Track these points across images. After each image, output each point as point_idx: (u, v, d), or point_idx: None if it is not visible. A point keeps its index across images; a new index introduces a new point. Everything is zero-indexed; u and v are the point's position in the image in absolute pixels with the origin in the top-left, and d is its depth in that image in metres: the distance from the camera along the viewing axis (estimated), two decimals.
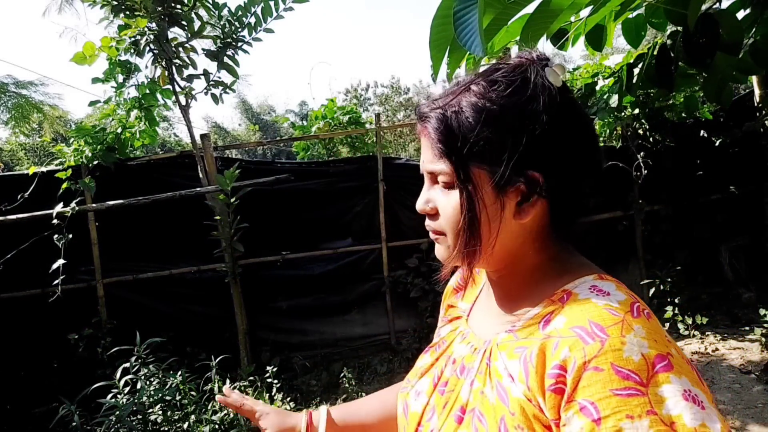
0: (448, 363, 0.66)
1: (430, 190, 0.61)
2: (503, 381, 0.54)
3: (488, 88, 0.55)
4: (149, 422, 2.63)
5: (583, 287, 0.55)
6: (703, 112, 4.41)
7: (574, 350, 0.48)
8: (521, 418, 0.50)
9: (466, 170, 0.55)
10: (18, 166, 13.08)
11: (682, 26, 1.34)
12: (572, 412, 0.46)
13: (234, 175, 3.56)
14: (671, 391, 0.44)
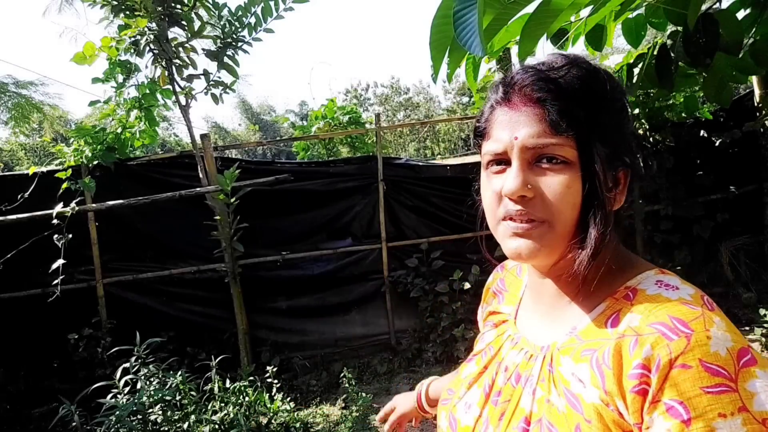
0: (499, 371, 0.62)
1: (528, 171, 0.53)
2: (572, 387, 0.51)
3: (593, 72, 0.54)
4: (149, 422, 2.63)
5: (648, 283, 0.52)
6: (703, 112, 4.41)
7: (658, 347, 0.45)
8: (599, 425, 0.47)
9: (591, 149, 0.51)
10: (18, 166, 13.09)
11: (682, 26, 1.34)
12: (657, 413, 0.43)
13: (234, 175, 3.55)
14: (759, 386, 0.42)
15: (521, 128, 0.53)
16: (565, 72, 0.53)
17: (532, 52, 1.05)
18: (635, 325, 0.48)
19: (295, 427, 3.14)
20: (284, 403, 3.27)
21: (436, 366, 3.98)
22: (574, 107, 0.51)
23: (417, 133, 23.11)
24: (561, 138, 0.51)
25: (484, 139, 0.59)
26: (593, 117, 0.51)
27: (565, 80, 0.52)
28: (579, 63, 0.54)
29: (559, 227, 0.53)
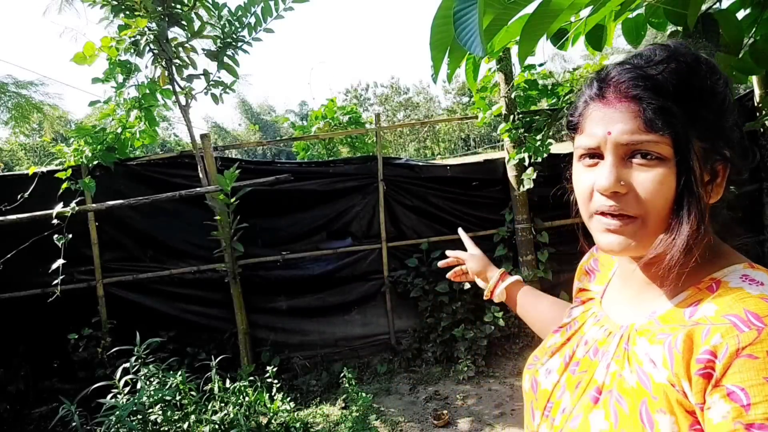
0: (579, 344, 0.67)
1: (620, 166, 0.55)
2: (644, 366, 0.54)
3: (693, 66, 0.54)
4: (149, 422, 2.63)
5: (734, 276, 0.54)
6: None
7: (727, 337, 0.47)
8: (664, 403, 0.51)
9: (686, 145, 0.52)
10: (18, 166, 13.08)
11: (682, 26, 1.34)
12: (718, 396, 0.46)
13: (234, 175, 3.56)
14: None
15: (615, 124, 0.54)
16: (663, 67, 0.53)
17: (532, 52, 1.05)
18: (710, 315, 0.51)
19: (295, 427, 3.14)
20: (284, 403, 3.27)
21: (436, 366, 3.98)
22: (671, 105, 0.52)
23: (417, 133, 23.09)
24: (656, 135, 0.52)
25: (576, 133, 0.62)
26: (691, 113, 0.52)
27: (663, 76, 0.52)
28: (679, 56, 0.54)
29: (651, 223, 0.54)
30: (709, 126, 0.53)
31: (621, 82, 0.54)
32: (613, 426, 0.54)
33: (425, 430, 3.19)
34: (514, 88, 4.13)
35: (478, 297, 4.14)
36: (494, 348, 4.07)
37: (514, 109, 4.12)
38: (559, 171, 2.89)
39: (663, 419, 0.50)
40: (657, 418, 0.51)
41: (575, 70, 4.90)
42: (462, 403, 3.43)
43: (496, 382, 3.68)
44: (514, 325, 4.25)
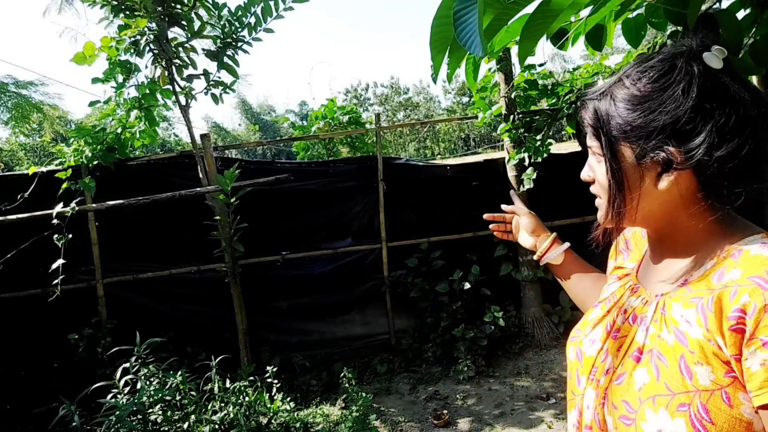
0: (619, 314, 0.75)
1: (592, 161, 0.73)
2: (680, 326, 0.62)
3: (639, 77, 0.65)
4: (149, 422, 2.63)
5: (754, 244, 0.61)
6: None
7: (754, 296, 0.54)
8: (700, 355, 0.58)
9: (610, 146, 0.67)
10: (18, 166, 13.08)
11: (682, 26, 1.34)
12: (755, 348, 0.53)
13: (234, 175, 3.56)
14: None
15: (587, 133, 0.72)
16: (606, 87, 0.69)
17: (532, 52, 1.05)
18: (737, 278, 0.58)
19: (295, 427, 3.14)
20: (284, 403, 3.27)
21: (436, 366, 3.99)
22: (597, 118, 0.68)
23: (417, 133, 23.07)
24: (593, 140, 0.70)
25: None
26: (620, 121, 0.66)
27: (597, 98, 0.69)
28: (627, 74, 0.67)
29: (605, 201, 0.71)
30: (640, 129, 0.64)
31: (580, 107, 0.73)
32: (655, 379, 0.62)
33: (425, 430, 3.19)
34: (514, 88, 4.13)
35: (479, 297, 4.14)
36: (494, 348, 4.06)
37: (514, 109, 4.12)
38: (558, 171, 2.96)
39: (700, 369, 0.58)
40: (695, 369, 0.58)
41: (575, 70, 4.90)
42: (462, 403, 3.43)
43: (496, 382, 3.68)
44: (514, 325, 4.25)
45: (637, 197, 0.66)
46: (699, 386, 0.58)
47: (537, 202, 4.14)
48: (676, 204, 0.66)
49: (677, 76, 0.62)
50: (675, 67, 0.62)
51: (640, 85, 0.64)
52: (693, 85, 0.60)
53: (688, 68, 0.61)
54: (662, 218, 0.69)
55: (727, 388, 0.56)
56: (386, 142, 9.64)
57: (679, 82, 0.61)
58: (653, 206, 0.67)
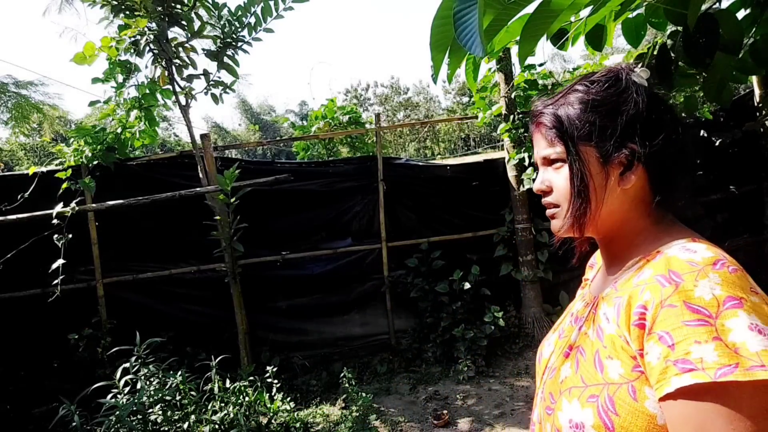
0: (569, 317, 0.82)
1: (544, 172, 0.75)
2: (602, 323, 0.67)
3: (590, 86, 0.70)
4: (149, 422, 2.63)
5: (675, 247, 0.64)
6: (703, 112, 4.41)
7: (654, 292, 0.58)
8: (612, 350, 0.62)
9: (576, 149, 0.69)
10: (18, 166, 13.08)
11: (682, 26, 1.34)
12: (653, 342, 0.56)
13: (234, 175, 3.56)
14: (737, 323, 0.52)
15: (537, 144, 0.75)
16: (561, 96, 0.72)
17: (532, 52, 1.05)
18: (647, 278, 0.62)
19: (295, 427, 3.14)
20: (284, 403, 3.27)
21: (436, 366, 3.98)
22: (560, 123, 0.70)
23: (417, 133, 23.09)
24: (555, 146, 0.71)
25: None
26: (582, 124, 0.69)
27: (555, 106, 0.72)
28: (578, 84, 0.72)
29: (566, 207, 0.72)
30: (601, 130, 0.68)
31: (534, 114, 0.75)
32: (574, 372, 0.67)
33: (425, 430, 3.19)
34: (514, 88, 4.13)
35: (479, 297, 4.14)
36: (494, 348, 4.06)
37: (514, 109, 4.12)
38: None
39: (611, 363, 0.62)
40: (606, 362, 0.62)
41: (575, 70, 4.90)
42: (462, 403, 3.43)
43: (496, 382, 3.68)
44: (513, 325, 4.25)
45: (603, 198, 0.69)
46: (608, 379, 0.61)
47: (537, 202, 4.14)
48: (633, 204, 0.70)
49: (626, 83, 0.69)
50: (621, 78, 0.69)
51: (594, 92, 0.69)
52: (641, 91, 0.68)
53: (632, 79, 0.69)
54: (619, 221, 0.71)
55: (634, 382, 0.59)
56: (386, 142, 9.65)
57: (629, 88, 0.68)
58: (614, 206, 0.70)
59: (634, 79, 0.69)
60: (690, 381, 0.51)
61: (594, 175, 0.69)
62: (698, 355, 0.51)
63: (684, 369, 0.52)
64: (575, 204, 0.70)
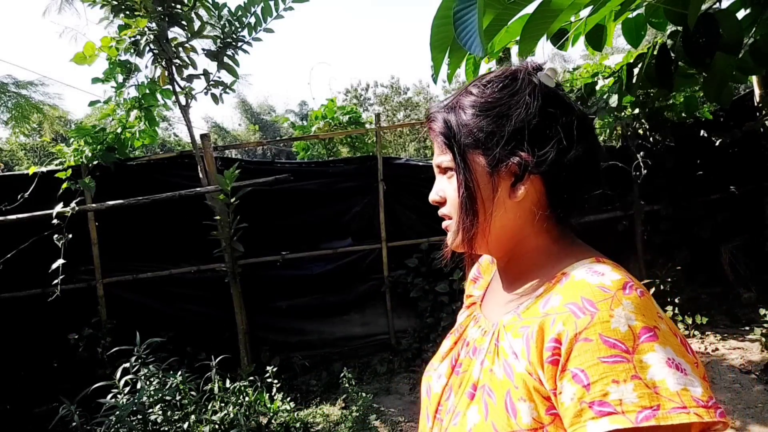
0: (463, 346, 0.72)
1: (439, 182, 0.69)
2: (509, 359, 0.59)
3: (484, 87, 0.65)
4: (149, 422, 2.63)
5: (580, 269, 0.59)
6: (703, 112, 4.41)
7: (567, 324, 0.52)
8: (524, 391, 0.55)
9: (463, 156, 0.64)
10: (18, 166, 13.08)
11: (682, 26, 1.34)
12: (566, 380, 0.50)
13: (234, 175, 3.56)
14: (655, 359, 0.48)
15: (435, 151, 0.69)
16: (453, 99, 0.67)
17: (532, 52, 1.05)
18: (556, 305, 0.56)
19: (295, 427, 3.14)
20: (284, 403, 3.27)
21: None
22: (448, 128, 0.65)
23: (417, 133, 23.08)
24: (445, 154, 0.66)
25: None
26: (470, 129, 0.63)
27: (445, 110, 0.66)
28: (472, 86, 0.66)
29: (456, 219, 0.66)
30: (490, 136, 0.62)
31: (428, 117, 0.69)
32: (484, 418, 0.58)
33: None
34: None
35: None
36: None
37: None
38: None
39: (523, 406, 0.54)
40: (518, 405, 0.55)
41: (575, 70, 4.90)
42: None
43: None
44: None
45: (491, 210, 0.63)
46: (522, 425, 0.54)
47: None
48: (527, 218, 0.64)
49: (521, 84, 0.63)
50: (517, 79, 0.63)
51: (487, 94, 0.64)
52: (537, 92, 0.62)
53: (529, 79, 0.63)
54: (513, 237, 0.66)
55: (548, 427, 0.53)
56: (386, 142, 9.65)
57: (524, 89, 0.62)
58: (507, 221, 0.64)
59: (535, 80, 0.63)
60: (608, 426, 0.46)
61: (482, 186, 0.63)
62: (617, 396, 0.47)
63: (601, 413, 0.47)
64: (461, 216, 0.64)
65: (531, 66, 0.65)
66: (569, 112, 0.63)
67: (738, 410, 2.85)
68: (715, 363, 3.48)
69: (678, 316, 4.00)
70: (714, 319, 4.10)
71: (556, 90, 0.64)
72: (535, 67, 0.65)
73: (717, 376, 3.30)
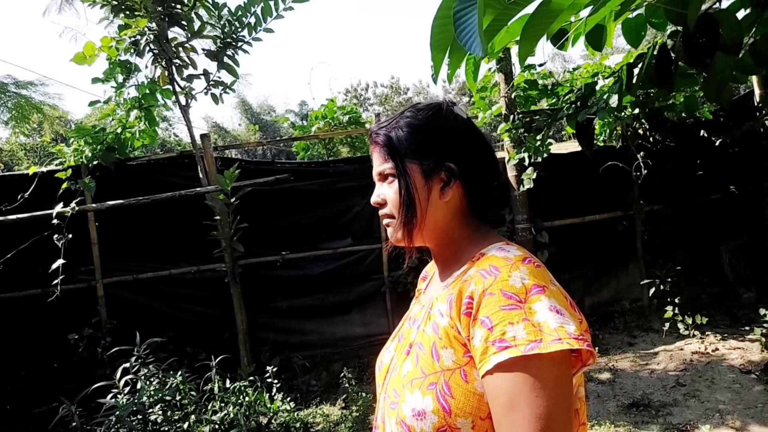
0: (407, 322, 0.89)
1: (380, 187, 0.83)
2: (436, 319, 0.74)
3: (417, 112, 0.81)
4: (149, 422, 2.63)
5: (492, 248, 0.75)
6: (703, 112, 4.41)
7: (478, 284, 0.68)
8: (446, 340, 0.70)
9: (403, 165, 0.79)
10: (18, 166, 13.08)
11: (682, 26, 1.34)
12: (476, 327, 0.65)
13: (234, 175, 3.56)
14: (540, 306, 0.63)
15: (375, 162, 0.83)
16: (392, 120, 0.82)
17: (532, 52, 1.05)
18: (472, 273, 0.72)
19: (295, 427, 3.14)
20: (284, 403, 3.27)
21: None
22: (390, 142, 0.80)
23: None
24: (387, 162, 0.80)
25: None
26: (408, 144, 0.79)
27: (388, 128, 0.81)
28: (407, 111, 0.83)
29: (397, 217, 0.80)
30: (424, 150, 0.78)
31: (371, 134, 0.84)
32: (414, 365, 0.73)
33: None
34: (514, 88, 4.13)
35: None
36: None
37: (514, 109, 4.12)
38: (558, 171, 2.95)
39: (445, 352, 0.69)
40: (442, 352, 0.69)
41: (575, 70, 4.90)
42: None
43: None
44: None
45: (426, 209, 0.78)
46: (444, 366, 0.68)
47: (537, 202, 4.14)
48: (454, 215, 0.80)
49: (446, 112, 0.81)
50: (441, 108, 0.81)
51: (420, 118, 0.80)
52: (458, 119, 0.80)
53: (450, 109, 0.81)
54: (444, 230, 0.80)
55: (465, 367, 0.66)
56: None
57: (448, 116, 0.80)
58: (438, 217, 0.79)
59: (455, 111, 0.81)
60: (505, 356, 0.60)
61: (419, 189, 0.78)
62: (511, 334, 0.61)
63: (501, 347, 0.61)
64: (402, 214, 0.78)
65: (449, 101, 0.83)
66: (478, 135, 0.82)
67: (738, 410, 2.85)
68: (715, 363, 3.48)
69: (678, 316, 4.00)
70: (714, 319, 4.10)
71: (469, 119, 0.83)
72: (452, 102, 0.83)
73: (717, 376, 3.30)
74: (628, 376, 3.46)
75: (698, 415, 2.87)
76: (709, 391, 3.12)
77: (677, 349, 3.75)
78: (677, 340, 3.90)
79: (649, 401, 3.05)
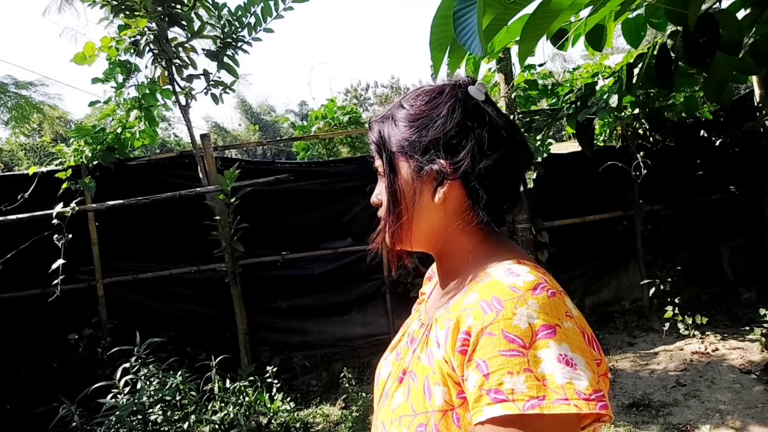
0: (406, 337, 0.79)
1: (379, 185, 0.75)
2: (432, 347, 0.65)
3: (413, 100, 0.71)
4: (149, 422, 2.63)
5: (500, 269, 0.63)
6: (703, 112, 4.41)
7: (477, 319, 0.57)
8: (439, 376, 0.61)
9: (390, 162, 0.70)
10: (18, 166, 13.08)
11: (682, 26, 1.34)
12: (471, 369, 0.56)
13: (234, 175, 3.56)
14: (548, 354, 0.53)
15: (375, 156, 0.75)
16: (388, 111, 0.73)
17: (532, 52, 1.05)
18: (472, 301, 0.61)
19: (295, 427, 3.14)
20: (284, 403, 3.27)
21: None
22: (380, 137, 0.72)
23: None
24: (378, 159, 0.72)
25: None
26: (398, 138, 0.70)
27: (380, 120, 0.73)
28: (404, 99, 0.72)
29: (384, 218, 0.72)
30: (415, 145, 0.68)
31: (368, 127, 0.75)
32: (405, 399, 0.65)
33: None
34: (514, 88, 4.13)
35: None
36: None
37: (514, 109, 4.12)
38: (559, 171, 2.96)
39: (437, 390, 0.60)
40: (434, 389, 0.61)
41: (575, 70, 4.90)
42: None
43: None
44: None
45: (413, 211, 0.69)
46: (435, 406, 0.60)
47: (537, 202, 4.14)
48: (451, 220, 0.69)
49: (444, 98, 0.68)
50: (443, 92, 0.69)
51: (415, 106, 0.70)
52: (457, 106, 0.67)
53: (453, 93, 0.69)
54: (442, 236, 0.70)
55: (458, 409, 0.58)
56: None
57: (445, 103, 0.68)
58: (433, 221, 0.69)
59: (460, 94, 0.69)
60: (500, 412, 0.52)
61: (405, 189, 0.69)
62: (510, 386, 0.52)
63: (496, 399, 0.53)
64: (387, 216, 0.71)
65: (462, 80, 0.71)
66: (484, 124, 0.67)
67: (738, 410, 2.85)
68: (715, 363, 3.48)
69: (678, 316, 4.00)
70: (714, 319, 4.10)
71: (479, 103, 0.69)
72: (465, 82, 0.71)
73: (717, 376, 3.30)
74: (628, 376, 3.46)
75: (698, 415, 2.87)
76: (710, 391, 3.12)
77: (677, 349, 3.75)
78: (677, 340, 3.90)
79: (650, 401, 3.05)
